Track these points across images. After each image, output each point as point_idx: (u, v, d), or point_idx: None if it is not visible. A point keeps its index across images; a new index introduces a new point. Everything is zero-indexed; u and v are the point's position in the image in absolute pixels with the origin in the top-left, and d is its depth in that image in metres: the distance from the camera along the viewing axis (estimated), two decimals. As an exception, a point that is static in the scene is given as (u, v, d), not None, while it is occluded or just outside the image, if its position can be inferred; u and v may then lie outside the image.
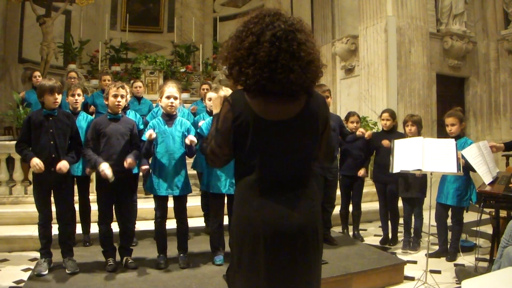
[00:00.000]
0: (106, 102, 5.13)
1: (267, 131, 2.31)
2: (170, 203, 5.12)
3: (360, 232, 7.09)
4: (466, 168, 5.24)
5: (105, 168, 4.69)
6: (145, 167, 5.67)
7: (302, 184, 2.40)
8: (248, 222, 2.33)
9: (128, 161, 4.87)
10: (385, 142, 6.38)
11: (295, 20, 2.36)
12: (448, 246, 6.07)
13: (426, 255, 5.11)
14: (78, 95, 5.85)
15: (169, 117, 5.07)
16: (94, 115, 7.22)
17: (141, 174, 5.98)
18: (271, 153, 2.32)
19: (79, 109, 5.93)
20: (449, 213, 6.03)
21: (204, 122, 5.25)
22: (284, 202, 2.31)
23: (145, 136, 4.85)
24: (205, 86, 8.39)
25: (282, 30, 2.27)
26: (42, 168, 4.62)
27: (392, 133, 6.58)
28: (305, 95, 2.38)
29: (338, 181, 6.61)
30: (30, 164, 4.68)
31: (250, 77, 2.26)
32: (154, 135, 4.83)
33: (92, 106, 7.75)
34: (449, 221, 6.07)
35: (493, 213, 5.48)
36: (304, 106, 2.35)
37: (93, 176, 5.67)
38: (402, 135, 6.39)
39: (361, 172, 6.75)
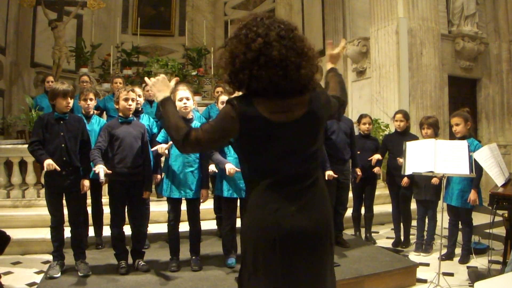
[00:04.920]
0: (117, 106, 5.16)
1: (276, 134, 2.32)
2: (183, 206, 5.14)
3: (372, 234, 7.07)
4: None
5: (100, 169, 4.65)
6: (158, 176, 5.70)
7: (312, 184, 2.39)
8: (262, 225, 2.32)
9: (147, 194, 5.21)
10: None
11: (287, 21, 2.40)
12: (460, 248, 6.05)
13: (438, 257, 5.09)
14: (90, 99, 5.88)
15: (185, 121, 5.06)
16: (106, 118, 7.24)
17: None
18: (281, 155, 2.33)
19: (91, 113, 5.97)
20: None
21: None
22: (297, 204, 2.31)
23: (158, 149, 4.90)
24: (218, 89, 8.40)
25: (284, 30, 2.31)
26: (54, 167, 4.61)
27: (405, 134, 6.52)
28: (308, 93, 2.40)
29: (350, 184, 6.57)
30: (43, 165, 4.67)
31: (264, 78, 2.27)
32: (165, 151, 4.89)
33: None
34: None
35: (506, 215, 5.44)
36: (308, 105, 2.37)
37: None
38: (415, 137, 6.36)
39: (374, 157, 6.63)
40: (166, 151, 4.88)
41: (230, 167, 4.84)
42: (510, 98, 11.43)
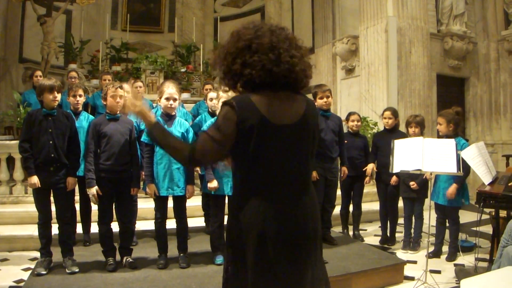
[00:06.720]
0: (104, 103, 5.14)
1: (272, 135, 2.29)
2: (170, 203, 5.14)
3: (360, 232, 7.09)
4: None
5: (93, 194, 4.90)
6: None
7: (305, 187, 2.42)
8: (253, 224, 2.31)
9: (135, 191, 5.23)
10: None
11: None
12: (448, 246, 6.09)
13: (426, 255, 5.12)
14: (80, 95, 5.83)
15: (168, 117, 5.06)
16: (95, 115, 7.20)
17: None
18: (274, 157, 2.31)
19: (80, 109, 5.93)
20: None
21: (205, 125, 5.23)
22: (287, 206, 2.33)
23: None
24: (207, 86, 8.36)
25: (275, 26, 2.36)
26: (37, 186, 4.79)
27: (394, 132, 6.57)
28: (303, 98, 2.42)
29: (339, 181, 6.57)
30: (28, 179, 4.82)
31: (256, 64, 2.26)
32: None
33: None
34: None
35: (493, 213, 5.47)
36: (305, 110, 2.38)
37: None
38: (404, 135, 6.39)
39: (369, 167, 6.73)
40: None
41: (213, 185, 5.03)
42: (497, 97, 11.52)
